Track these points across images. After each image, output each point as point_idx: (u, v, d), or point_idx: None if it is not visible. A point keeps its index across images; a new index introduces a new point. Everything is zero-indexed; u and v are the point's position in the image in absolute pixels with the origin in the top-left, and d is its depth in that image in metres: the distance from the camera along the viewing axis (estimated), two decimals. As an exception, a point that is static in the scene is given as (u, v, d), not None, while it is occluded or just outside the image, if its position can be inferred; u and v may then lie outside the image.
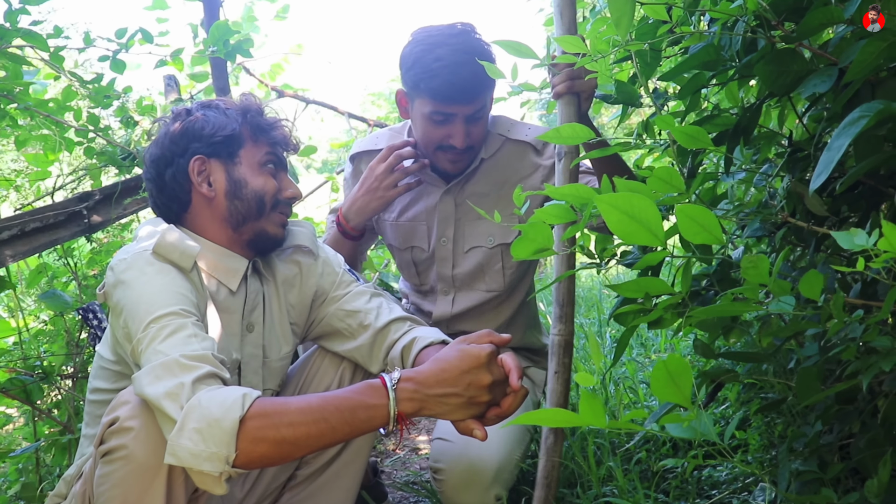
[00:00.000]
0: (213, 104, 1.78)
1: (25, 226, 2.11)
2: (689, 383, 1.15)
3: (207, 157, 1.73)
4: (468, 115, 2.11)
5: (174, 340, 1.44)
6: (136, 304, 1.51)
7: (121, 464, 1.42)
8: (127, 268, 1.56)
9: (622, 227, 1.18)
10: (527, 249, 1.32)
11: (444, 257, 2.33)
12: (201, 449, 1.30)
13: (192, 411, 1.32)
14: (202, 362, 1.41)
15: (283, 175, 1.82)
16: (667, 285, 1.32)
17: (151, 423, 1.40)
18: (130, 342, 1.49)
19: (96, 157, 2.51)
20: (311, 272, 1.91)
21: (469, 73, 2.04)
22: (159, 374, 1.38)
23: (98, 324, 2.28)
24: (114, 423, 1.44)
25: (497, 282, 2.32)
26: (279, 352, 1.85)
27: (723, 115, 1.78)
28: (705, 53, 1.57)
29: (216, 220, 1.75)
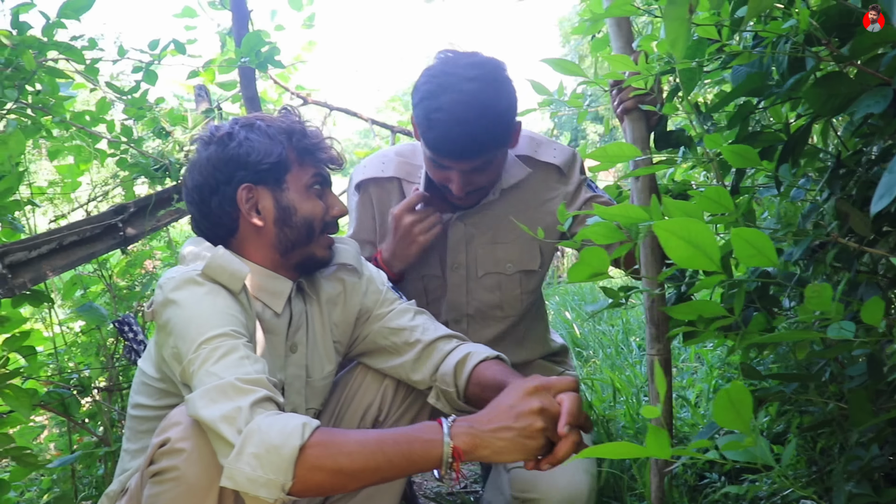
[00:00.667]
0: (255, 125, 1.73)
1: (63, 239, 2.12)
2: (750, 411, 1.15)
3: (254, 185, 1.70)
4: (465, 170, 1.97)
5: (227, 362, 1.44)
6: (186, 325, 1.50)
7: (171, 485, 1.42)
8: (176, 287, 1.56)
9: (680, 253, 1.18)
10: (583, 273, 1.32)
11: (457, 284, 2.22)
12: (259, 475, 1.31)
13: (252, 436, 1.32)
14: (258, 386, 1.41)
15: (328, 192, 1.80)
16: (721, 308, 1.32)
17: (203, 445, 1.40)
18: (180, 363, 1.49)
19: (129, 168, 2.52)
20: (355, 290, 1.89)
21: (465, 134, 1.87)
22: (214, 398, 1.38)
23: (133, 336, 2.29)
24: (164, 444, 1.44)
25: (515, 308, 2.25)
26: (322, 371, 1.84)
27: (766, 132, 1.77)
28: (751, 81, 1.57)
29: (263, 246, 1.74)
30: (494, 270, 2.20)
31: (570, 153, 2.18)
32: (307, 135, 1.75)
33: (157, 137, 2.56)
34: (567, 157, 2.17)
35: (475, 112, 1.86)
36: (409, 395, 1.89)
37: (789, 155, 1.60)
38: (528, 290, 2.24)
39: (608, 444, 1.13)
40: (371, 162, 2.27)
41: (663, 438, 1.10)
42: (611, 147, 1.56)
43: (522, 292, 2.23)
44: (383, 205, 2.22)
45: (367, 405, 1.88)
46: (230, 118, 1.79)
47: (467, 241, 2.18)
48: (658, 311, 1.81)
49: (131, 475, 1.67)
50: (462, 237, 2.18)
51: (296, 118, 1.79)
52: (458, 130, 1.86)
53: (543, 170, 2.17)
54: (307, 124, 1.78)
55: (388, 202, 2.22)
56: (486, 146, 1.91)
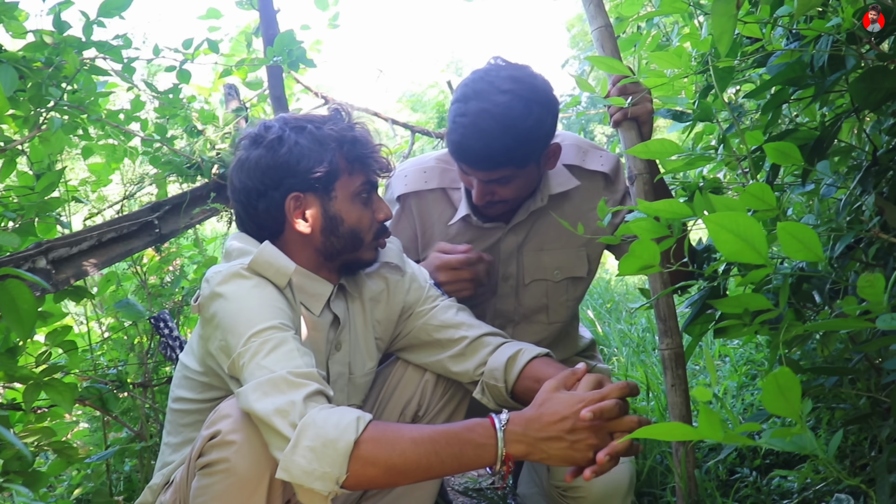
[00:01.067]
0: (305, 128, 1.70)
1: (102, 236, 2.15)
2: (798, 397, 1.16)
3: (303, 193, 1.69)
4: (482, 179, 1.94)
5: (278, 355, 1.46)
6: (235, 318, 1.52)
7: (221, 476, 1.44)
8: (223, 281, 1.58)
9: (729, 246, 1.20)
10: (633, 265, 1.34)
11: (507, 294, 2.20)
12: (314, 468, 1.33)
13: (307, 430, 1.35)
14: (309, 379, 1.43)
15: (375, 197, 1.78)
16: (767, 301, 1.34)
17: (254, 438, 1.42)
18: (229, 356, 1.51)
19: (162, 166, 2.55)
20: (398, 288, 1.90)
21: (483, 146, 1.85)
22: (267, 391, 1.40)
23: (169, 332, 2.32)
24: (215, 437, 1.46)
25: (561, 314, 2.23)
26: (364, 368, 1.85)
27: (801, 129, 1.79)
28: (791, 70, 1.58)
29: (308, 249, 1.74)
30: (542, 277, 2.18)
31: (615, 160, 2.17)
32: (358, 142, 1.72)
33: (189, 136, 2.59)
34: (613, 163, 2.16)
35: (497, 126, 1.83)
36: (449, 390, 1.90)
37: (820, 150, 1.62)
38: (574, 297, 2.23)
39: (659, 424, 1.15)
40: (412, 172, 2.23)
41: (715, 420, 1.12)
42: (653, 143, 1.58)
43: (569, 299, 2.22)
44: (426, 217, 2.20)
45: (406, 400, 1.89)
46: (278, 116, 1.78)
47: (518, 251, 2.16)
48: (665, 307, 1.85)
49: (175, 468, 1.69)
50: (514, 248, 2.15)
51: (345, 121, 1.76)
52: (475, 140, 1.85)
53: (591, 178, 2.15)
54: (357, 127, 1.75)
55: (431, 213, 2.20)
56: (501, 162, 1.88)
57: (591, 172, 2.14)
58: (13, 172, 2.06)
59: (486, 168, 1.90)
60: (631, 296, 5.49)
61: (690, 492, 1.86)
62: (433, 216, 2.19)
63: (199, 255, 2.97)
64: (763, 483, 2.06)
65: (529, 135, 1.85)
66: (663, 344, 1.86)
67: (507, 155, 1.85)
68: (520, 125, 1.84)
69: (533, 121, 1.85)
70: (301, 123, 1.72)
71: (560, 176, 2.11)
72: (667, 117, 1.91)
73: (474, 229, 2.15)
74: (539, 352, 1.78)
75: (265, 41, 2.88)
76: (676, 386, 1.84)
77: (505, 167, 1.89)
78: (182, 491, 1.58)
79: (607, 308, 5.17)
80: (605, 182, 2.16)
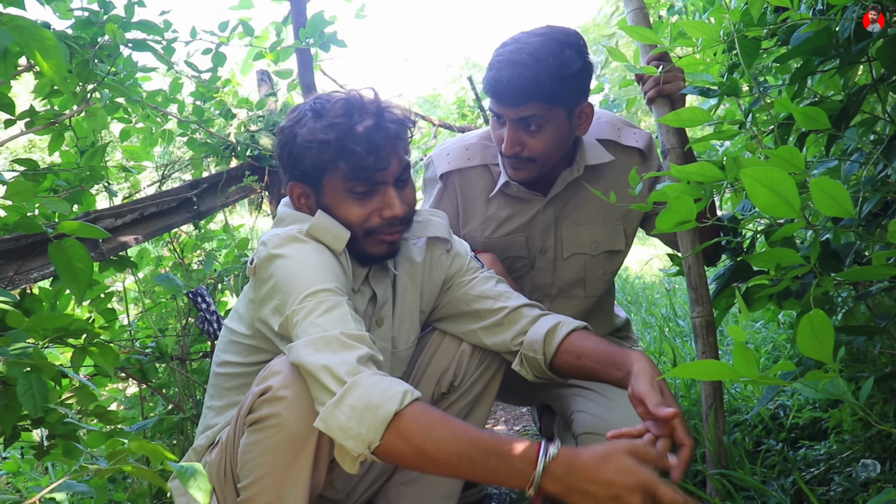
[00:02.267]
0: (305, 119, 1.69)
1: (144, 210, 2.22)
2: (832, 340, 1.20)
3: (300, 183, 1.73)
4: (514, 119, 1.97)
5: (333, 316, 1.48)
6: (292, 278, 1.55)
7: (272, 432, 1.47)
8: (281, 244, 1.61)
9: (764, 200, 1.24)
10: (670, 221, 1.38)
11: (544, 267, 2.23)
12: (351, 426, 1.35)
13: (354, 389, 1.37)
14: (361, 343, 1.45)
15: (385, 193, 1.71)
16: (798, 256, 1.38)
17: (305, 393, 1.45)
18: (282, 314, 1.53)
19: (198, 148, 2.62)
20: (442, 261, 1.91)
21: (515, 75, 1.90)
22: (319, 348, 1.43)
23: (206, 307, 2.38)
24: (265, 393, 1.49)
25: (597, 288, 2.26)
26: (407, 341, 1.88)
27: (826, 101, 1.83)
28: (818, 38, 1.62)
29: None
30: (580, 251, 2.21)
31: (649, 136, 2.20)
32: (349, 137, 1.65)
33: (224, 119, 2.65)
34: (647, 140, 2.20)
35: (529, 58, 1.90)
36: (485, 360, 1.92)
37: (846, 118, 1.65)
38: (610, 270, 2.27)
39: (694, 363, 1.19)
40: (455, 150, 2.25)
41: (750, 358, 1.16)
42: (684, 111, 1.63)
43: (605, 273, 2.26)
44: (468, 193, 2.23)
45: (443, 369, 1.91)
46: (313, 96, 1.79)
47: (556, 224, 2.19)
48: (696, 276, 1.89)
49: (220, 430, 1.73)
50: (551, 221, 2.19)
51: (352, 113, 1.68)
52: (508, 70, 1.91)
53: (626, 153, 2.18)
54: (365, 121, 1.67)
55: (474, 189, 2.23)
56: (530, 91, 1.91)
57: (626, 148, 2.18)
58: (62, 145, 2.13)
59: (517, 99, 1.93)
60: (649, 291, 5.53)
61: (720, 457, 1.90)
62: (475, 192, 2.22)
63: (230, 239, 3.04)
64: (789, 452, 2.10)
65: (559, 70, 1.90)
66: (695, 312, 1.89)
67: (536, 85, 1.89)
68: (551, 60, 1.90)
69: (564, 58, 1.92)
70: (303, 113, 1.72)
71: (596, 150, 2.14)
72: (694, 93, 1.95)
73: (513, 203, 2.18)
74: (578, 325, 1.79)
75: (295, 29, 2.94)
76: (707, 353, 1.87)
77: (534, 100, 1.92)
78: (229, 449, 1.61)
79: (628, 300, 5.22)
80: (641, 158, 2.19)
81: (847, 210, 1.23)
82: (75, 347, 1.95)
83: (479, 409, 1.97)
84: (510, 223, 2.21)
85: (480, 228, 2.23)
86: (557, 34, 1.95)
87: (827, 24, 1.59)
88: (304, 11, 3.05)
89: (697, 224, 1.38)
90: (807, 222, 1.35)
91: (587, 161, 2.12)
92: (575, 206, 2.19)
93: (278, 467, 1.49)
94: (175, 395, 2.47)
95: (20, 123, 2.01)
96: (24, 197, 1.42)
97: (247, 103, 2.74)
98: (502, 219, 2.21)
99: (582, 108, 2.02)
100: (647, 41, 1.63)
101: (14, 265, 1.80)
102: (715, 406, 1.89)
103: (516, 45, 1.94)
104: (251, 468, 1.51)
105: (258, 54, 2.83)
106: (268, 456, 1.49)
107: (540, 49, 1.91)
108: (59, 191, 2.02)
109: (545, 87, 1.90)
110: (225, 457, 1.63)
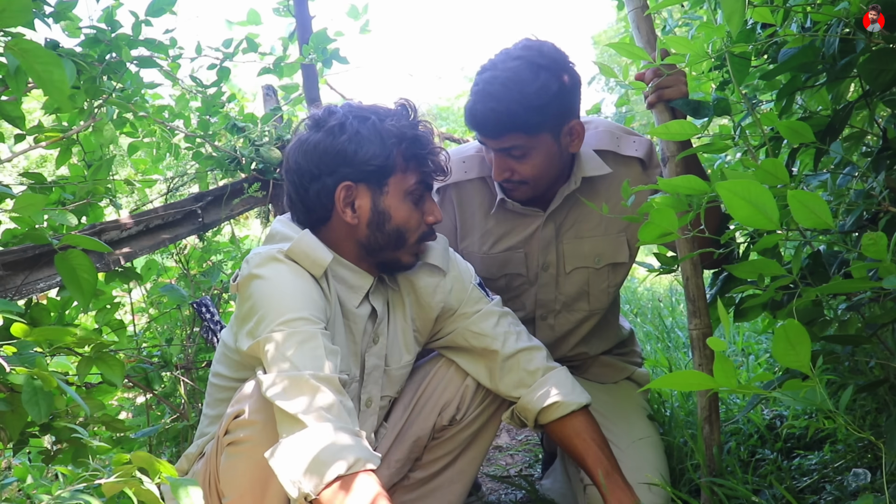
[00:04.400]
0: (368, 119, 1.71)
1: (149, 222, 2.27)
2: (808, 349, 1.23)
3: (355, 183, 1.69)
4: (496, 149, 1.94)
5: (304, 351, 1.50)
6: (268, 301, 1.57)
7: (246, 456, 1.53)
8: (261, 263, 1.62)
9: (741, 212, 1.27)
10: (652, 233, 1.41)
11: (547, 283, 2.19)
12: (293, 472, 1.39)
13: (308, 437, 1.41)
14: (330, 385, 1.48)
15: (428, 198, 1.78)
16: (780, 267, 1.41)
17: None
18: (254, 337, 1.56)
19: (204, 162, 2.67)
20: (439, 288, 1.88)
21: (488, 109, 1.87)
22: (287, 388, 1.46)
23: (211, 317, 2.43)
24: (239, 416, 1.54)
25: (601, 301, 2.22)
26: (400, 361, 1.88)
27: (814, 116, 1.86)
28: (804, 55, 1.65)
29: (351, 240, 1.75)
30: (582, 265, 2.17)
31: (648, 143, 2.15)
32: (418, 140, 1.73)
33: (230, 133, 2.71)
34: (647, 147, 2.14)
35: (502, 89, 1.86)
36: (487, 399, 1.93)
37: (833, 132, 1.68)
38: (615, 283, 2.23)
39: (677, 373, 1.22)
40: (452, 163, 2.09)
41: (729, 368, 1.19)
42: (672, 125, 1.66)
43: (610, 285, 2.21)
44: (466, 206, 2.20)
45: (446, 402, 1.92)
46: (345, 103, 1.79)
47: (557, 238, 2.15)
48: (694, 287, 1.90)
49: (209, 440, 1.77)
50: (552, 236, 2.14)
51: (409, 118, 1.76)
52: (482, 105, 1.87)
53: (626, 164, 2.13)
54: (420, 126, 1.76)
55: (471, 203, 2.19)
56: (506, 125, 1.88)
57: (626, 158, 2.13)
58: (69, 160, 2.19)
59: (494, 133, 1.90)
60: (655, 303, 5.53)
61: (714, 467, 1.91)
62: (473, 205, 2.19)
63: (236, 251, 3.09)
64: (783, 462, 2.12)
65: (535, 99, 1.86)
66: (692, 324, 1.88)
67: (511, 119, 1.86)
68: (524, 89, 1.86)
69: (538, 85, 1.87)
70: (365, 114, 1.72)
71: (593, 161, 2.09)
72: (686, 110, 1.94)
73: (512, 218, 2.15)
74: (576, 406, 1.83)
75: (301, 45, 3.00)
76: (703, 366, 1.87)
77: (511, 132, 1.89)
78: (212, 463, 1.65)
79: (634, 312, 5.23)
80: (642, 167, 2.14)
81: (826, 222, 1.26)
82: (82, 356, 2.00)
83: (478, 442, 1.99)
84: (509, 239, 2.17)
85: (479, 243, 2.19)
86: (533, 56, 1.90)
87: (812, 40, 1.62)
88: (310, 27, 3.11)
89: (679, 236, 1.41)
90: (786, 234, 1.38)
91: (584, 173, 2.08)
92: (576, 219, 2.15)
93: (256, 488, 1.54)
94: (180, 403, 2.52)
95: (29, 138, 2.08)
96: (32, 210, 1.47)
97: (251, 118, 2.79)
98: (501, 234, 2.17)
99: (571, 127, 1.98)
100: (634, 58, 1.66)
101: (21, 275, 1.86)
102: (710, 417, 1.91)
103: (491, 74, 1.90)
104: (231, 487, 1.57)
105: (263, 69, 2.89)
106: (245, 477, 1.55)
107: (513, 78, 1.87)
108: (66, 203, 2.08)
109: (520, 119, 1.87)
110: (209, 469, 1.67)
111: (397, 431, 1.93)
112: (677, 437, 2.31)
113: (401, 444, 1.93)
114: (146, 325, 2.66)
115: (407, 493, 1.97)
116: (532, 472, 2.80)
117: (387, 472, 1.91)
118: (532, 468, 2.84)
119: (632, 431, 2.12)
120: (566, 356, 2.26)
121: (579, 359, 2.32)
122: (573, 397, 1.84)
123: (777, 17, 1.56)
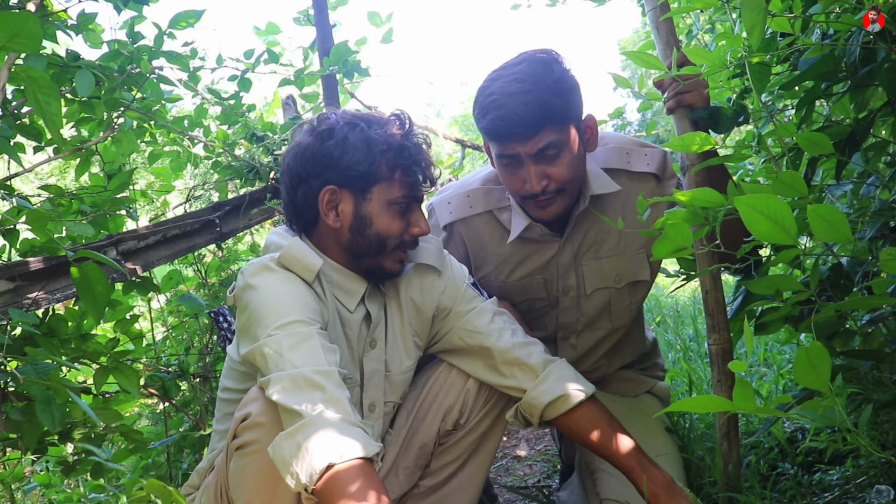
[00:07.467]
0: (359, 125, 1.73)
1: (167, 232, 2.28)
2: (829, 370, 1.20)
3: (339, 188, 1.72)
4: (532, 153, 1.87)
5: (302, 351, 1.52)
6: (263, 309, 1.59)
7: (254, 457, 1.52)
8: (255, 273, 1.65)
9: (760, 227, 1.24)
10: (666, 248, 1.40)
11: (568, 307, 2.15)
12: (292, 464, 1.40)
13: (308, 428, 1.41)
14: (329, 379, 1.49)
15: (415, 210, 1.79)
16: (797, 283, 1.38)
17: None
18: (253, 343, 1.57)
19: (223, 171, 2.69)
20: (433, 288, 1.89)
21: (519, 104, 1.82)
22: (287, 386, 1.47)
23: (228, 326, 2.43)
24: (246, 419, 1.54)
25: (623, 318, 2.19)
26: (401, 366, 1.88)
27: (835, 126, 1.83)
28: (824, 64, 1.62)
29: (337, 245, 1.77)
30: (603, 286, 2.14)
31: (661, 155, 2.10)
32: (405, 150, 1.74)
33: (249, 143, 2.72)
34: (660, 160, 2.09)
35: (526, 84, 1.83)
36: (492, 398, 1.92)
37: (854, 143, 1.65)
38: (637, 300, 2.20)
39: (696, 397, 1.20)
40: (455, 198, 2.17)
41: (748, 391, 1.17)
42: (688, 136, 1.64)
43: (632, 303, 2.18)
44: (475, 240, 2.16)
45: (448, 406, 1.91)
46: (340, 110, 1.82)
47: (575, 261, 2.11)
48: (714, 302, 1.86)
49: (219, 453, 1.76)
50: (570, 260, 2.11)
51: (401, 129, 1.77)
52: (511, 103, 1.82)
53: (640, 180, 2.08)
54: (411, 137, 1.77)
55: (481, 237, 2.15)
56: (541, 118, 1.83)
57: (638, 174, 2.08)
58: (88, 171, 2.21)
59: (529, 129, 1.84)
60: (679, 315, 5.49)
61: (732, 484, 1.89)
62: (483, 238, 2.15)
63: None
64: (804, 477, 2.08)
65: (558, 86, 1.85)
66: (711, 339, 1.85)
67: (543, 109, 1.83)
68: (545, 79, 1.84)
69: (556, 74, 1.86)
70: (355, 121, 1.74)
71: (601, 179, 2.05)
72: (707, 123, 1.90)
73: (528, 245, 2.10)
74: (582, 397, 1.81)
75: (321, 55, 3.01)
76: (722, 381, 1.83)
77: (546, 125, 1.84)
78: (222, 473, 1.65)
79: (656, 321, 5.18)
80: (656, 181, 2.09)
81: (845, 236, 1.24)
82: (99, 366, 2.02)
83: (486, 446, 1.97)
84: (526, 266, 2.13)
85: (495, 273, 2.16)
86: (538, 55, 1.90)
87: (832, 49, 1.59)
88: (330, 37, 3.12)
89: (693, 251, 1.39)
90: (804, 248, 1.36)
91: (592, 191, 2.03)
92: (594, 240, 2.11)
93: (264, 490, 1.53)
94: (198, 412, 2.53)
95: (48, 150, 2.10)
96: (39, 224, 1.48)
97: (271, 128, 2.80)
98: (517, 262, 2.13)
99: (586, 121, 1.97)
100: (648, 66, 1.64)
101: (39, 285, 1.87)
102: (729, 434, 1.88)
103: (504, 80, 1.86)
104: (240, 491, 1.56)
105: (284, 81, 2.90)
106: (253, 480, 1.54)
107: (529, 73, 1.85)
108: (86, 214, 2.10)
109: (553, 107, 1.83)
110: (219, 479, 1.67)
111: (402, 438, 1.93)
112: (696, 451, 2.28)
113: (407, 451, 1.93)
114: (165, 335, 2.67)
115: (418, 501, 1.96)
116: (550, 482, 2.78)
117: (396, 481, 1.92)
118: (550, 479, 2.82)
119: (651, 447, 2.09)
120: (585, 371, 2.21)
121: (599, 373, 2.29)
122: (579, 389, 1.82)
123: (796, 26, 1.54)
